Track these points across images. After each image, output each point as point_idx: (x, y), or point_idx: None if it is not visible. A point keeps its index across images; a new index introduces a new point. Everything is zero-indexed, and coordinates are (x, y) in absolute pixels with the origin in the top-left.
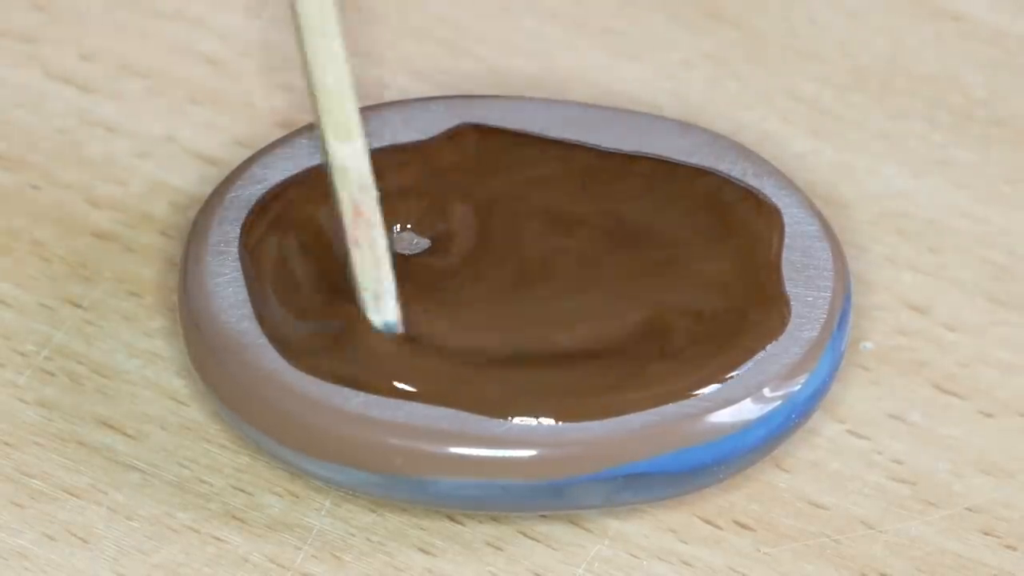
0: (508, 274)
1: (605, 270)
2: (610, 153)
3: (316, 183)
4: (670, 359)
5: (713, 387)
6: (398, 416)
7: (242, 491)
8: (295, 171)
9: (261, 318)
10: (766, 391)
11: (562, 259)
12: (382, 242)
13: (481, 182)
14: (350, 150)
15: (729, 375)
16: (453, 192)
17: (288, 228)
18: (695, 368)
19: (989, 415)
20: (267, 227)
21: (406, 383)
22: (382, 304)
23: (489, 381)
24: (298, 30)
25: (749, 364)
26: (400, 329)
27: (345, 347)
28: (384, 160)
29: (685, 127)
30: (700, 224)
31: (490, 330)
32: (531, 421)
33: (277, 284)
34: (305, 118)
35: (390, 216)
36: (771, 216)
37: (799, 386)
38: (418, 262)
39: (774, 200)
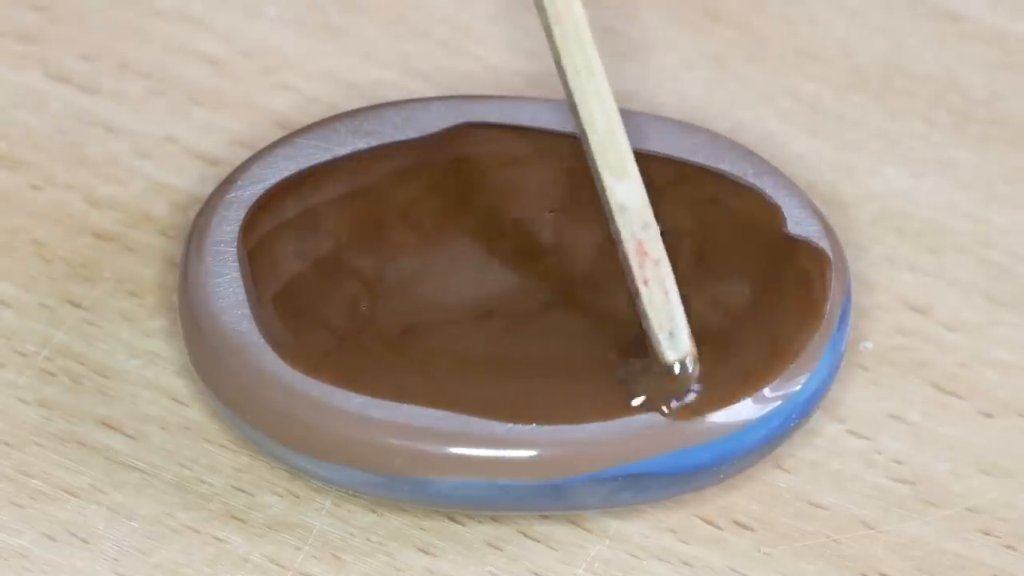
0: (508, 273)
1: (605, 269)
2: None
3: (316, 183)
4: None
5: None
6: (398, 416)
7: (242, 491)
8: (295, 171)
9: (261, 318)
10: (766, 391)
11: (563, 258)
12: (670, 278)
13: (481, 180)
14: (627, 187)
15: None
16: (452, 191)
17: (288, 228)
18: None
19: (989, 415)
20: (267, 227)
21: (406, 383)
22: (677, 340)
23: (489, 382)
24: (562, 72)
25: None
26: (694, 365)
27: (345, 347)
28: (382, 158)
29: (685, 127)
30: (701, 224)
31: (491, 330)
32: (531, 421)
33: (277, 284)
34: (305, 118)
35: (389, 215)
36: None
37: (799, 386)
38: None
39: (775, 200)
